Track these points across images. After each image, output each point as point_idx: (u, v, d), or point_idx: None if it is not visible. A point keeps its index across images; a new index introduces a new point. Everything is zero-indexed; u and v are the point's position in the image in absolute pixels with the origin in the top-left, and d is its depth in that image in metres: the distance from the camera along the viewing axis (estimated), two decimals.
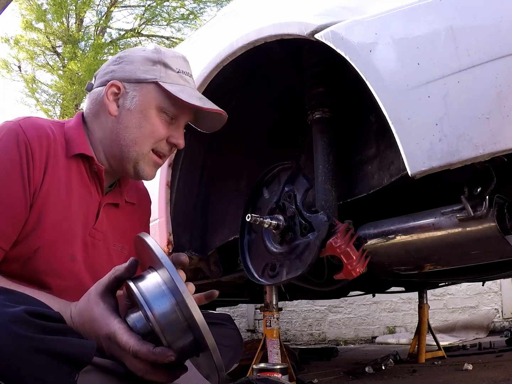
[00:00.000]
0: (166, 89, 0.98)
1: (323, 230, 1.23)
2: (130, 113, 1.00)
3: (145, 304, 0.73)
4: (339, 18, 1.08)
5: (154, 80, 0.99)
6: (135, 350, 0.72)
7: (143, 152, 1.02)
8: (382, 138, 1.30)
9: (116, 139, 1.01)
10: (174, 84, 1.00)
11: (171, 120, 1.03)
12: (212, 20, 1.91)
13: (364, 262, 1.20)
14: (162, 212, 1.60)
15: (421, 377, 2.14)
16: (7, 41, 10.67)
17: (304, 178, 1.39)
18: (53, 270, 0.95)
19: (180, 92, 0.99)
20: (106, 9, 11.48)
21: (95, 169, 1.01)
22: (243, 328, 5.89)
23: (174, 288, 0.72)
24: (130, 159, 1.02)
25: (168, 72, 1.01)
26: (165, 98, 1.00)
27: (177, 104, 1.01)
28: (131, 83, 1.00)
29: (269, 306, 1.80)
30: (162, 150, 1.04)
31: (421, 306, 2.77)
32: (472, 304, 4.81)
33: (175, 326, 0.73)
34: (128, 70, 1.01)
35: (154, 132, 1.01)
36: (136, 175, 1.05)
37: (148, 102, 1.00)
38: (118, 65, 1.03)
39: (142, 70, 1.00)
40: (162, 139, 1.02)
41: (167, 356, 0.72)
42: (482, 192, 1.04)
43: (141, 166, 1.03)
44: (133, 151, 1.01)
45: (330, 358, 3.30)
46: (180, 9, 11.49)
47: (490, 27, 0.86)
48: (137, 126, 1.00)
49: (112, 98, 1.00)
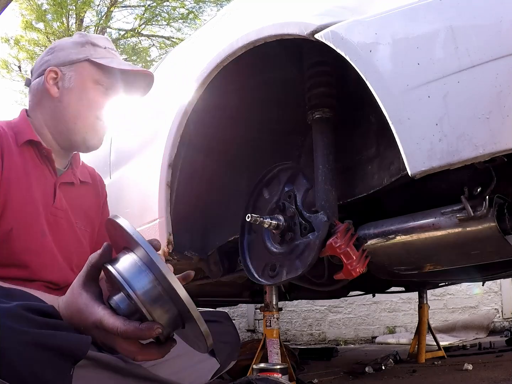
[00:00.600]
0: (98, 62, 1.12)
1: (323, 230, 1.23)
2: (70, 91, 1.11)
3: (125, 284, 0.74)
4: (339, 18, 1.08)
5: (86, 58, 1.12)
6: (122, 330, 0.72)
7: (88, 123, 1.13)
8: (382, 138, 1.30)
9: (61, 117, 1.11)
10: (104, 58, 1.13)
11: (107, 90, 1.15)
12: (212, 20, 1.91)
13: (364, 262, 1.20)
14: (162, 212, 1.60)
15: (421, 377, 2.14)
16: (7, 41, 10.68)
17: (304, 178, 1.39)
18: (28, 248, 1.02)
19: (110, 62, 1.13)
20: (106, 9, 11.48)
21: (44, 153, 1.10)
22: (243, 328, 5.89)
23: (151, 263, 0.72)
24: (77, 132, 1.12)
25: (96, 49, 1.14)
26: (98, 71, 1.13)
27: (110, 75, 1.14)
28: (66, 66, 1.12)
29: (269, 306, 1.80)
30: (104, 116, 1.15)
31: (421, 306, 2.77)
32: (472, 304, 4.81)
33: (158, 300, 0.73)
34: (61, 56, 1.13)
35: (93, 102, 1.12)
36: (85, 145, 1.15)
37: (84, 77, 1.12)
38: (52, 55, 1.14)
39: (74, 52, 1.13)
40: (102, 108, 1.14)
41: (154, 330, 0.72)
42: (482, 192, 1.04)
43: (89, 136, 1.14)
44: (78, 123, 1.12)
45: (330, 358, 3.29)
46: (180, 9, 11.49)
47: (490, 27, 0.86)
48: (78, 100, 1.11)
49: (52, 83, 1.11)
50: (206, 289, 2.54)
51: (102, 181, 1.33)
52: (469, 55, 0.86)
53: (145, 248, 0.72)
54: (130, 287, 0.73)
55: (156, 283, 0.73)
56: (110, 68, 1.12)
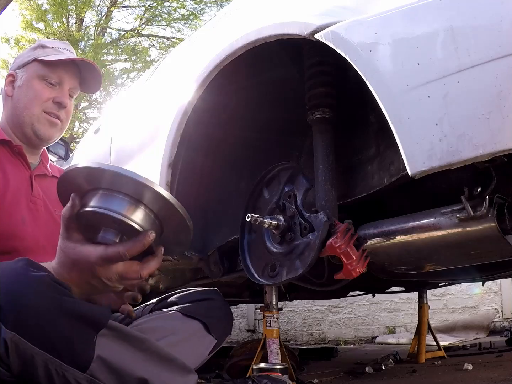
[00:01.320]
0: (41, 59, 1.23)
1: (323, 230, 1.23)
2: (20, 88, 1.24)
3: (106, 211, 0.78)
4: (339, 18, 1.08)
5: (34, 58, 1.25)
6: (124, 250, 0.78)
7: (33, 114, 1.22)
8: (382, 138, 1.30)
9: (14, 112, 1.24)
10: (49, 55, 1.24)
11: (53, 85, 1.25)
12: (212, 20, 1.91)
13: (364, 262, 1.20)
14: None
15: (421, 377, 2.14)
16: (7, 41, 10.67)
17: (304, 178, 1.39)
18: (12, 233, 1.12)
19: (50, 57, 1.23)
20: (106, 9, 11.48)
21: (16, 150, 1.21)
22: (243, 328, 5.89)
23: (114, 184, 0.77)
24: (25, 123, 1.22)
25: (45, 50, 1.26)
26: (43, 67, 1.24)
27: (54, 70, 1.24)
28: (20, 68, 1.26)
29: (269, 306, 1.79)
30: (51, 109, 1.24)
31: (421, 306, 2.77)
32: (472, 304, 4.81)
33: (137, 210, 0.79)
34: (18, 62, 1.28)
35: (37, 95, 1.22)
36: (36, 136, 1.24)
37: (31, 75, 1.24)
38: (13, 63, 1.31)
39: (26, 56, 1.27)
40: (46, 100, 1.23)
41: (148, 235, 0.78)
42: (482, 192, 1.04)
43: (37, 126, 1.23)
44: (25, 116, 1.22)
45: (330, 358, 3.29)
46: (180, 9, 11.49)
47: (490, 27, 0.86)
48: (25, 95, 1.23)
49: (8, 85, 1.26)
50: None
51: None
52: (469, 55, 0.86)
53: (109, 168, 0.77)
54: (112, 211, 0.78)
55: (128, 198, 0.78)
56: (52, 62, 1.23)
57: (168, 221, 0.84)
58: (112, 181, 0.77)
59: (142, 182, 0.76)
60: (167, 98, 1.68)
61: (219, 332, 1.18)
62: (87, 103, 11.48)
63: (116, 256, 0.78)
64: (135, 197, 0.78)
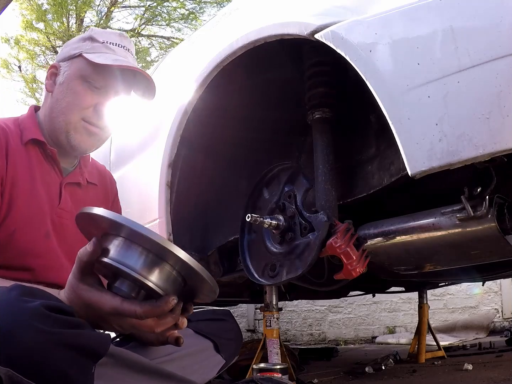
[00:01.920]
0: (86, 57, 1.04)
1: (323, 230, 1.23)
2: (60, 86, 1.07)
3: (123, 267, 0.74)
4: (339, 18, 1.08)
5: (79, 53, 1.06)
6: (141, 312, 0.74)
7: (70, 121, 1.05)
8: (382, 138, 1.30)
9: (50, 113, 1.07)
10: (97, 53, 1.05)
11: (97, 89, 1.06)
12: (212, 20, 1.91)
13: (364, 262, 1.20)
14: (162, 212, 1.60)
15: (421, 377, 2.14)
16: (7, 41, 10.67)
17: (304, 178, 1.39)
18: (31, 249, 1.00)
19: (97, 58, 1.03)
20: (106, 9, 11.47)
21: (49, 153, 1.06)
22: (243, 328, 5.88)
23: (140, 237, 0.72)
24: (61, 129, 1.06)
25: (93, 44, 1.07)
26: (87, 67, 1.05)
27: (100, 72, 1.05)
28: (65, 61, 1.08)
29: (269, 306, 1.79)
30: (91, 118, 1.07)
31: (421, 306, 2.77)
32: (472, 304, 4.81)
33: (156, 267, 0.75)
34: (64, 52, 1.10)
35: (77, 100, 1.05)
36: (69, 145, 1.08)
37: (74, 73, 1.06)
38: (61, 51, 1.13)
39: (73, 48, 1.09)
40: (87, 107, 1.06)
41: (170, 302, 0.74)
42: (482, 192, 1.03)
43: (72, 135, 1.06)
44: (61, 121, 1.05)
45: (330, 358, 3.29)
46: (180, 9, 11.49)
47: (490, 27, 0.86)
48: (64, 96, 1.06)
49: (50, 78, 1.09)
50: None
51: (112, 178, 1.29)
52: (469, 55, 0.86)
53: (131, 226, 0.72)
54: (129, 267, 0.74)
55: (146, 252, 0.74)
56: (97, 64, 1.04)
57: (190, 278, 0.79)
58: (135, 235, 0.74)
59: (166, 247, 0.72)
60: (167, 98, 1.68)
61: (228, 353, 1.16)
62: None
63: (131, 314, 0.75)
64: (157, 254, 0.75)
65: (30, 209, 1.00)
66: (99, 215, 0.74)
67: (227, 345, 1.16)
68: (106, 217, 0.74)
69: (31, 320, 0.69)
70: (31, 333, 0.68)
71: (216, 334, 1.14)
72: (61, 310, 0.74)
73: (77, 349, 0.72)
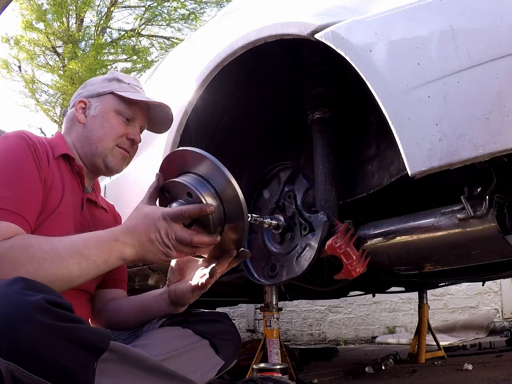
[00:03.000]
0: (120, 95, 1.25)
1: (323, 230, 1.23)
2: (94, 118, 1.24)
3: (186, 183, 0.92)
4: (339, 18, 1.08)
5: (110, 91, 1.26)
6: (185, 209, 0.90)
7: (108, 147, 1.24)
8: (382, 138, 1.30)
9: (85, 140, 1.24)
10: (126, 92, 1.26)
11: (127, 121, 1.26)
12: (212, 20, 1.91)
13: (364, 262, 1.20)
14: None
15: (421, 377, 2.14)
16: (7, 41, 10.67)
17: (304, 178, 1.39)
18: None
19: (130, 95, 1.25)
20: (106, 9, 11.48)
21: (76, 169, 1.21)
22: (243, 328, 5.89)
23: (209, 173, 0.92)
24: (99, 154, 1.24)
25: (121, 84, 1.28)
26: (120, 103, 1.25)
27: (130, 107, 1.26)
28: (94, 97, 1.27)
29: (269, 306, 1.80)
30: (124, 145, 1.26)
31: (421, 306, 2.77)
32: (472, 304, 4.81)
33: (211, 197, 0.91)
34: (91, 90, 1.28)
35: (113, 129, 1.24)
36: (106, 167, 1.25)
37: (107, 107, 1.25)
38: (84, 89, 1.31)
39: (101, 86, 1.28)
40: (121, 136, 1.25)
41: (208, 206, 0.89)
42: (482, 192, 1.04)
43: (109, 159, 1.24)
44: (100, 147, 1.23)
45: (330, 358, 3.29)
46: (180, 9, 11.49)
47: (490, 27, 0.86)
48: (100, 126, 1.24)
49: (80, 111, 1.26)
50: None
51: (117, 214, 1.44)
52: (469, 55, 0.86)
53: (211, 159, 0.91)
54: (190, 184, 0.92)
55: (209, 185, 0.92)
56: (131, 100, 1.24)
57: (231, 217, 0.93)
58: (205, 171, 0.92)
59: (228, 178, 0.90)
60: (167, 98, 1.68)
61: (227, 354, 1.17)
62: None
63: (176, 213, 0.90)
64: (216, 188, 0.91)
65: (59, 210, 1.11)
66: (189, 149, 0.95)
67: (226, 347, 1.17)
68: (195, 151, 0.94)
69: (33, 313, 0.70)
70: (33, 326, 0.70)
71: (215, 335, 1.15)
72: (62, 306, 0.75)
73: (78, 343, 0.73)
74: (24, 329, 0.69)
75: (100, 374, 0.77)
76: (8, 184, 1.00)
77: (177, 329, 1.13)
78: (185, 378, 0.95)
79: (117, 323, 1.21)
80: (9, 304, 0.71)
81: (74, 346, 0.73)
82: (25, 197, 1.02)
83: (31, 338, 0.69)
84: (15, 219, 0.97)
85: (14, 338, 0.69)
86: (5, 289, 0.74)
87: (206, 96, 1.48)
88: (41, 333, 0.70)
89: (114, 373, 0.82)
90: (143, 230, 0.93)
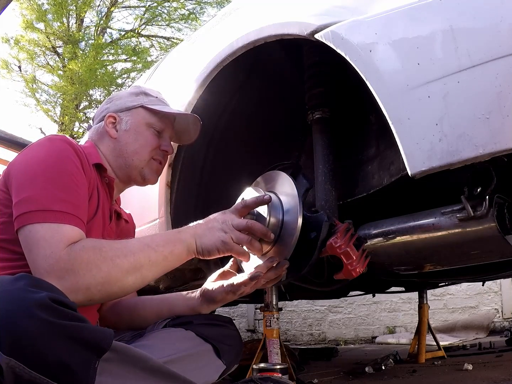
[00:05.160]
0: (150, 108, 1.27)
1: (323, 230, 1.23)
2: (127, 133, 1.26)
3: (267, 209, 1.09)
4: (339, 18, 1.08)
5: (140, 104, 1.28)
6: (250, 222, 1.03)
7: (144, 159, 1.27)
8: (382, 138, 1.30)
9: (120, 154, 1.26)
10: (156, 105, 1.29)
11: (159, 133, 1.29)
12: (212, 20, 1.91)
13: (364, 262, 1.20)
14: (162, 212, 1.60)
15: (421, 377, 2.14)
16: (7, 41, 10.68)
17: (304, 178, 1.39)
18: None
19: (161, 108, 1.28)
20: (106, 9, 11.49)
21: (107, 180, 1.23)
22: (243, 328, 5.89)
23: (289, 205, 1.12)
24: (135, 166, 1.26)
25: (149, 98, 1.30)
26: (151, 116, 1.28)
27: (161, 119, 1.29)
28: (123, 112, 1.28)
29: (269, 306, 1.79)
30: (159, 156, 1.30)
31: (421, 306, 2.77)
32: (472, 304, 4.81)
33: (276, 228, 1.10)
34: (119, 104, 1.29)
35: (148, 142, 1.27)
36: (143, 179, 1.29)
37: (139, 121, 1.27)
38: (110, 103, 1.31)
39: (129, 100, 1.29)
40: (155, 148, 1.28)
41: (270, 233, 1.06)
42: (482, 192, 1.03)
43: (146, 171, 1.28)
44: (136, 160, 1.26)
45: (330, 358, 3.29)
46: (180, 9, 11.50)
47: (490, 27, 0.86)
48: (134, 140, 1.26)
49: (111, 126, 1.27)
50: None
51: (134, 224, 1.47)
52: (469, 55, 0.86)
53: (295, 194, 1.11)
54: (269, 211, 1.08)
55: (281, 215, 1.10)
56: (161, 113, 1.27)
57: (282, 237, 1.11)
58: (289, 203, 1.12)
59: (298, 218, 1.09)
60: (167, 98, 1.68)
61: (229, 358, 1.18)
62: (87, 103, 11.49)
63: (235, 205, 1.06)
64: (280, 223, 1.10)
65: (96, 219, 1.14)
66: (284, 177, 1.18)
67: (228, 351, 1.17)
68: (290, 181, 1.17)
69: (36, 310, 0.70)
70: (35, 323, 0.70)
71: (217, 339, 1.15)
72: (66, 304, 0.76)
73: (80, 342, 0.73)
74: (27, 325, 0.69)
75: (101, 374, 0.76)
76: (67, 188, 1.02)
77: (180, 330, 1.12)
78: (187, 380, 0.95)
79: (133, 320, 1.23)
80: (13, 301, 0.71)
81: (76, 344, 0.73)
82: (83, 203, 1.05)
83: (33, 335, 0.69)
84: (77, 223, 0.99)
85: (16, 335, 0.69)
86: (9, 286, 0.74)
87: (206, 96, 1.48)
88: (44, 331, 0.70)
89: (115, 373, 0.82)
90: (204, 223, 1.04)
